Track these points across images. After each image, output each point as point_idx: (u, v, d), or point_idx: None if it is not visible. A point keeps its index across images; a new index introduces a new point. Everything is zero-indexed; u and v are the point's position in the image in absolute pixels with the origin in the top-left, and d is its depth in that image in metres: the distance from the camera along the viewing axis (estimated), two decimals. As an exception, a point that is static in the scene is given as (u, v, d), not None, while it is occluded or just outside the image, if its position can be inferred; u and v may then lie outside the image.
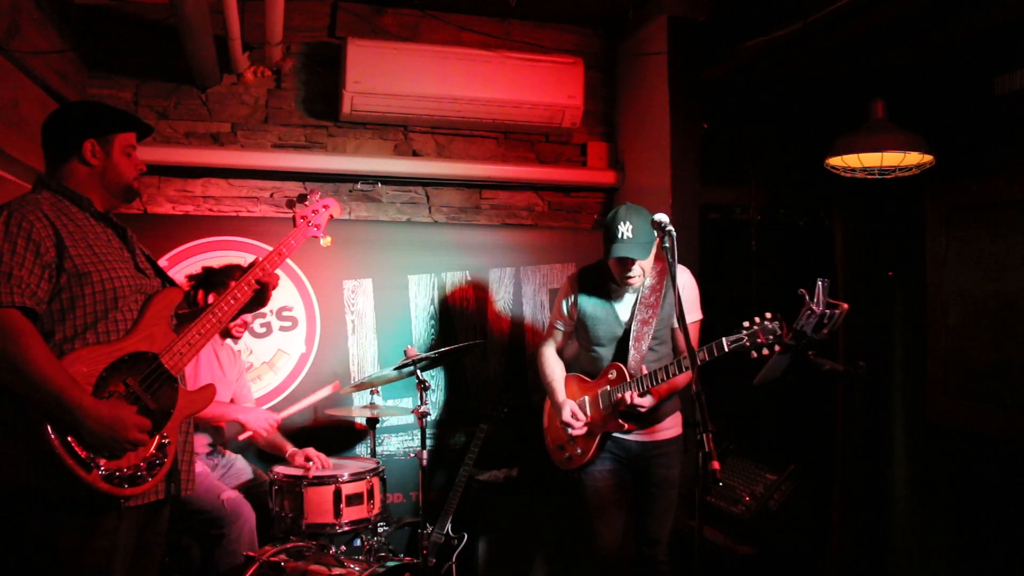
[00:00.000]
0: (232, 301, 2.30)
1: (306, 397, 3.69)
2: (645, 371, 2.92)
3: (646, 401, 2.92)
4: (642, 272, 2.98)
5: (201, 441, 3.40)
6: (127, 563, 2.09)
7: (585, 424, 3.10)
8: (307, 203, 2.58)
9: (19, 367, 1.88)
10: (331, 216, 2.62)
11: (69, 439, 1.92)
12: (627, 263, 2.93)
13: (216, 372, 3.47)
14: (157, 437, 2.09)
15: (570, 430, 3.10)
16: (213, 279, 3.34)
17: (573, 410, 3.10)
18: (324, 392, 3.71)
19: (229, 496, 3.15)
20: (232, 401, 3.56)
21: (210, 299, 3.28)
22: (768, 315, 2.65)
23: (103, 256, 2.09)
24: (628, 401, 2.90)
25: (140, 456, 2.04)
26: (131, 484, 2.00)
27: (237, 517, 3.12)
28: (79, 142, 2.14)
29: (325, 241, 2.63)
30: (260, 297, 2.40)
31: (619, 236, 2.89)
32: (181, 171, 3.98)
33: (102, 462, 1.96)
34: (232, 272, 3.31)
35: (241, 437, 3.42)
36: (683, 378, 2.93)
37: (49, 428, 1.90)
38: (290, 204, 2.62)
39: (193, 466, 2.31)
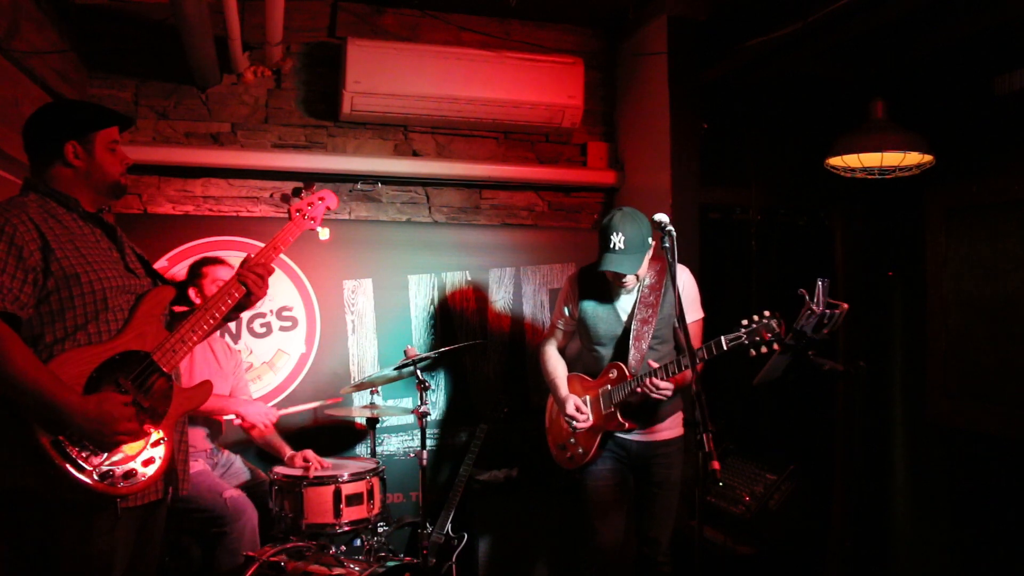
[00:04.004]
0: (228, 299, 2.28)
1: (305, 403, 3.77)
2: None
3: (664, 385, 2.87)
4: (635, 278, 3.00)
5: (200, 435, 3.40)
6: (126, 563, 2.08)
7: (588, 421, 3.10)
8: (303, 196, 2.57)
9: (1, 371, 1.86)
10: (327, 208, 2.58)
11: (60, 440, 1.91)
12: (618, 273, 2.94)
13: (212, 366, 3.48)
14: (152, 435, 2.08)
15: (575, 423, 3.08)
16: (188, 278, 3.43)
17: (577, 404, 3.10)
18: (319, 404, 3.79)
19: (232, 494, 3.14)
20: (230, 395, 3.56)
21: (191, 293, 3.33)
22: (767, 313, 2.65)
23: (91, 258, 2.07)
24: (650, 385, 2.86)
25: (135, 455, 2.03)
26: (126, 483, 1.99)
27: (240, 515, 3.12)
28: (60, 146, 2.11)
29: (323, 233, 2.59)
30: (249, 296, 2.34)
31: (610, 247, 2.90)
32: (181, 171, 3.98)
33: (96, 461, 1.95)
34: (200, 262, 3.42)
35: (236, 422, 3.50)
36: (690, 373, 2.92)
37: (39, 430, 1.89)
38: (285, 199, 2.60)
39: (189, 464, 2.30)
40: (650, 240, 2.95)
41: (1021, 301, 3.31)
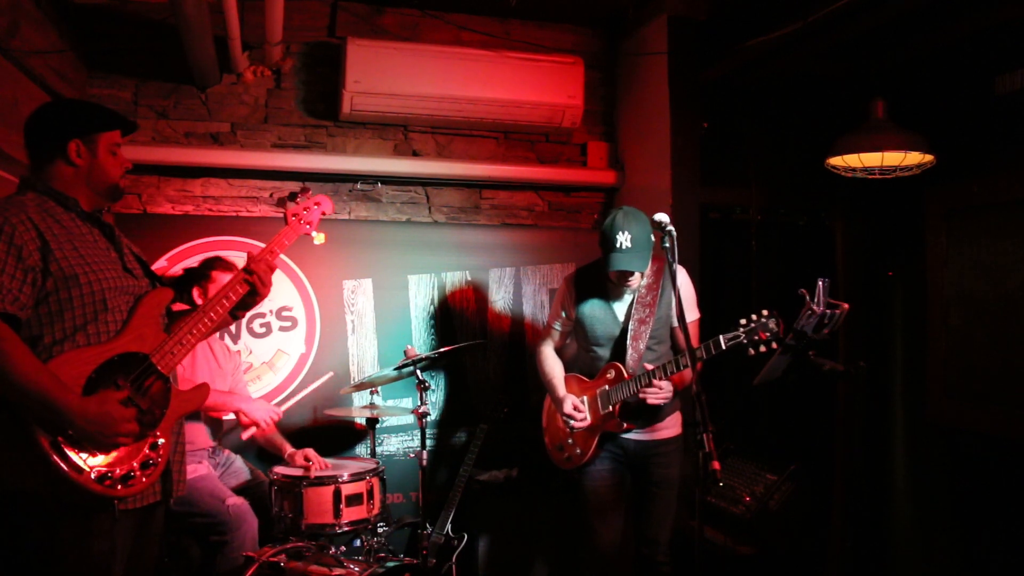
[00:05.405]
0: (225, 301, 2.28)
1: (305, 388, 3.75)
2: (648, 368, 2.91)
3: (666, 386, 2.89)
4: (639, 276, 2.99)
5: (200, 432, 3.38)
6: (125, 564, 2.08)
7: (586, 421, 3.09)
8: (299, 201, 2.57)
9: (1, 372, 1.86)
10: (323, 213, 2.59)
11: (59, 441, 1.91)
12: (626, 273, 2.93)
13: (212, 365, 3.48)
14: (150, 437, 2.08)
15: (572, 423, 3.07)
16: (195, 274, 3.36)
17: (575, 403, 3.09)
18: (323, 380, 3.75)
19: (234, 502, 3.13)
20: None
21: (194, 293, 3.30)
22: (765, 312, 2.65)
23: (89, 258, 2.06)
24: (652, 389, 2.86)
25: (133, 457, 2.02)
26: (124, 485, 1.99)
27: (240, 524, 3.11)
28: (63, 143, 2.10)
29: (318, 238, 2.60)
30: (253, 294, 2.36)
31: (618, 246, 2.88)
32: (181, 171, 3.98)
33: (94, 463, 1.94)
34: (212, 264, 3.35)
35: (244, 436, 3.44)
36: (690, 372, 2.92)
37: (38, 431, 1.89)
38: (281, 202, 2.61)
39: (184, 465, 2.29)
40: (652, 237, 2.94)
41: (1021, 301, 3.30)
